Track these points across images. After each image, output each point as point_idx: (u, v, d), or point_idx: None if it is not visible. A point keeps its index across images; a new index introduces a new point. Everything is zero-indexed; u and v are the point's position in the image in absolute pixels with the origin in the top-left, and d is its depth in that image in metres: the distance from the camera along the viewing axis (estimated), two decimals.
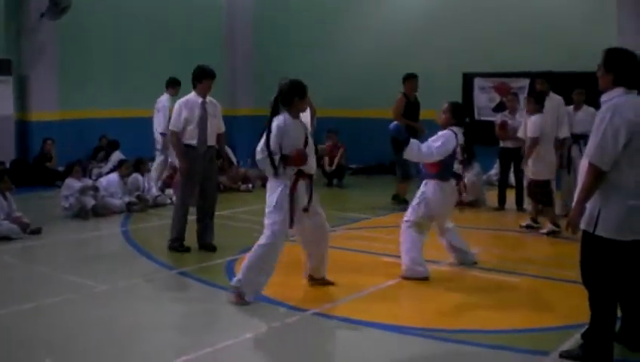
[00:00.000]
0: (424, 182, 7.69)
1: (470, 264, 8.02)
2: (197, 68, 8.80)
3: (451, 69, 15.43)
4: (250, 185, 14.11)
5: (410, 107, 11.95)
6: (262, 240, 6.49)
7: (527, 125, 10.16)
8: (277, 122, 6.50)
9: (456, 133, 7.57)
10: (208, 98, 8.78)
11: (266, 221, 6.52)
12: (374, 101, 15.96)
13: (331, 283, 7.11)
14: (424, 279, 7.37)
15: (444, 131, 7.57)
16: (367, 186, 14.83)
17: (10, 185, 9.78)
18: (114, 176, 11.84)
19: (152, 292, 7.17)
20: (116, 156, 14.40)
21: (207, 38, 18.42)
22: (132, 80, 16.73)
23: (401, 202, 11.69)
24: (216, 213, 9.09)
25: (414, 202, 7.66)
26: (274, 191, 6.51)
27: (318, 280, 7.09)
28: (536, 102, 10.07)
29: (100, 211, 11.06)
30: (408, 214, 7.66)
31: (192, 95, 8.73)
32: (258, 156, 6.55)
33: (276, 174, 6.47)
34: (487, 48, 15.11)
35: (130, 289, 7.17)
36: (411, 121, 11.61)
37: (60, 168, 14.03)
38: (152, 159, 14.67)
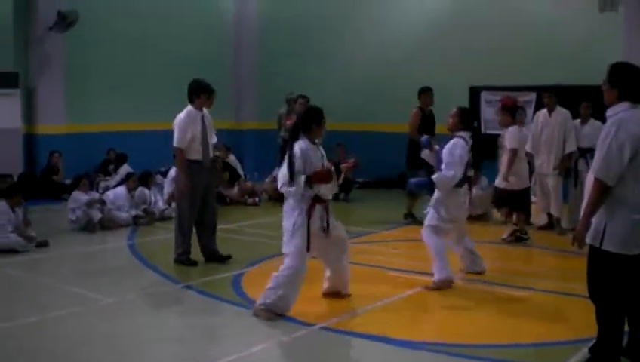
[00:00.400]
0: (436, 187, 7.73)
1: (481, 271, 8.14)
2: (193, 82, 8.77)
3: (458, 83, 15.43)
4: (256, 199, 14.11)
5: (425, 120, 11.73)
6: (284, 267, 6.48)
7: (505, 137, 10.39)
8: (299, 146, 6.50)
9: (465, 139, 7.64)
10: (204, 111, 8.78)
11: (285, 249, 6.52)
12: (379, 114, 16.00)
13: (348, 296, 7.16)
14: (451, 283, 7.57)
15: (455, 140, 7.64)
16: (374, 200, 14.80)
17: (18, 201, 9.79)
18: (121, 190, 11.86)
19: (157, 305, 7.16)
20: (124, 169, 14.44)
21: (214, 53, 18.51)
22: (139, 94, 16.81)
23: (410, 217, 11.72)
24: (223, 227, 9.11)
25: (432, 207, 7.73)
26: (290, 216, 6.51)
27: (332, 295, 7.12)
28: (510, 115, 10.22)
29: (107, 224, 11.08)
30: (429, 219, 7.72)
31: (191, 109, 8.68)
32: (281, 181, 6.49)
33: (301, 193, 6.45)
34: (494, 62, 15.12)
35: (135, 303, 7.17)
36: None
37: (67, 181, 14.07)
38: (160, 172, 14.71)
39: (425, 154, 8.00)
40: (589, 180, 5.00)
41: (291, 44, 18.70)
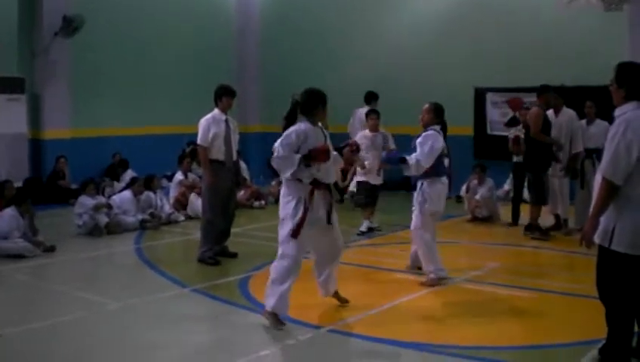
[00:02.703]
0: (419, 183, 7.87)
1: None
2: (218, 86, 9.12)
3: (463, 84, 15.40)
4: (262, 202, 14.10)
5: (546, 121, 10.76)
6: (279, 257, 6.32)
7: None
8: (296, 127, 6.31)
9: (438, 132, 7.85)
10: (228, 116, 9.09)
11: (280, 237, 6.34)
12: (385, 115, 15.93)
13: (346, 301, 7.04)
14: (445, 280, 7.69)
15: (429, 132, 7.83)
16: (379, 202, 14.74)
17: (27, 209, 9.81)
18: (127, 194, 11.87)
19: (164, 309, 7.15)
20: (128, 175, 14.47)
21: (219, 57, 18.56)
22: (144, 98, 16.86)
23: (538, 231, 10.59)
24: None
25: (418, 204, 7.83)
26: (287, 203, 6.30)
27: (334, 295, 7.03)
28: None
29: (113, 229, 11.09)
30: (415, 220, 7.85)
31: (216, 112, 9.02)
32: (276, 154, 6.23)
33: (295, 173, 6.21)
34: (500, 63, 15.09)
35: (142, 307, 7.16)
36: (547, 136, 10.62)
37: (74, 186, 14.10)
38: (165, 176, 14.74)
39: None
40: (597, 180, 4.99)
41: (296, 46, 18.70)
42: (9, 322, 6.57)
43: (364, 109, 12.57)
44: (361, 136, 10.62)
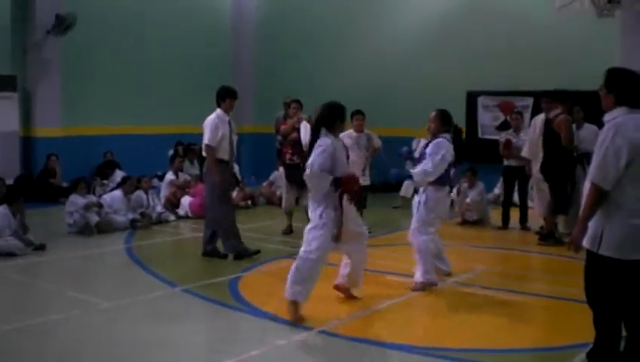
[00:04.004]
0: (421, 189, 7.81)
1: (446, 273, 8.23)
2: (221, 87, 9.35)
3: (455, 88, 15.47)
4: (249, 202, 14.07)
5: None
6: (301, 253, 6.50)
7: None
8: (324, 146, 6.49)
9: (448, 140, 7.75)
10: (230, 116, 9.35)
11: (307, 236, 6.51)
12: (378, 120, 15.96)
13: (356, 298, 7.22)
14: (434, 286, 7.65)
15: (439, 140, 7.73)
16: (371, 204, 14.74)
17: (19, 207, 9.80)
18: (118, 193, 11.86)
19: (155, 309, 7.15)
20: (118, 175, 14.47)
21: (211, 57, 18.58)
22: (136, 97, 16.87)
23: (553, 239, 10.41)
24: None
25: (417, 207, 7.81)
26: (318, 207, 6.51)
27: (343, 291, 7.19)
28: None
29: (104, 228, 11.08)
30: (416, 220, 7.80)
31: (220, 113, 9.19)
32: (313, 170, 6.42)
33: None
34: (491, 67, 15.16)
35: (133, 306, 7.16)
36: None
37: (64, 184, 14.07)
38: (156, 176, 14.73)
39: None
40: (586, 185, 5.01)
41: (289, 48, 18.73)
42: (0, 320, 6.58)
43: None
44: (346, 135, 10.64)
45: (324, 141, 6.53)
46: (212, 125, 9.05)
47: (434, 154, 7.58)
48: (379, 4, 17.31)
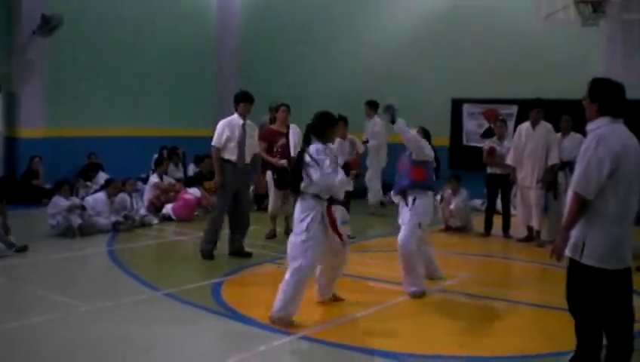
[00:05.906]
0: (410, 195, 7.81)
1: (438, 279, 8.35)
2: (238, 92, 9.74)
3: (440, 95, 15.53)
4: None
5: None
6: (294, 265, 6.49)
7: None
8: (323, 155, 6.57)
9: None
10: (247, 121, 9.55)
11: (294, 250, 6.52)
12: (362, 126, 16.03)
13: (341, 299, 7.35)
14: (422, 294, 7.69)
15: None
16: (354, 210, 14.74)
17: (1, 209, 9.74)
18: (101, 196, 11.79)
19: (136, 312, 7.11)
20: (101, 177, 14.40)
21: (196, 61, 18.57)
22: (120, 99, 16.78)
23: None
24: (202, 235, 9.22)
25: (408, 216, 7.79)
26: (306, 216, 6.52)
27: (336, 298, 7.32)
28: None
29: (87, 230, 11.01)
30: (406, 230, 7.76)
31: (235, 116, 9.51)
32: (342, 180, 6.57)
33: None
34: (476, 75, 15.22)
35: (115, 310, 7.10)
36: None
37: (47, 186, 13.99)
38: (140, 179, 14.67)
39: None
40: (569, 194, 5.03)
41: (274, 52, 18.73)
42: None
43: None
44: None
45: (318, 148, 6.61)
46: (219, 127, 9.42)
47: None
48: (364, 12, 17.36)
